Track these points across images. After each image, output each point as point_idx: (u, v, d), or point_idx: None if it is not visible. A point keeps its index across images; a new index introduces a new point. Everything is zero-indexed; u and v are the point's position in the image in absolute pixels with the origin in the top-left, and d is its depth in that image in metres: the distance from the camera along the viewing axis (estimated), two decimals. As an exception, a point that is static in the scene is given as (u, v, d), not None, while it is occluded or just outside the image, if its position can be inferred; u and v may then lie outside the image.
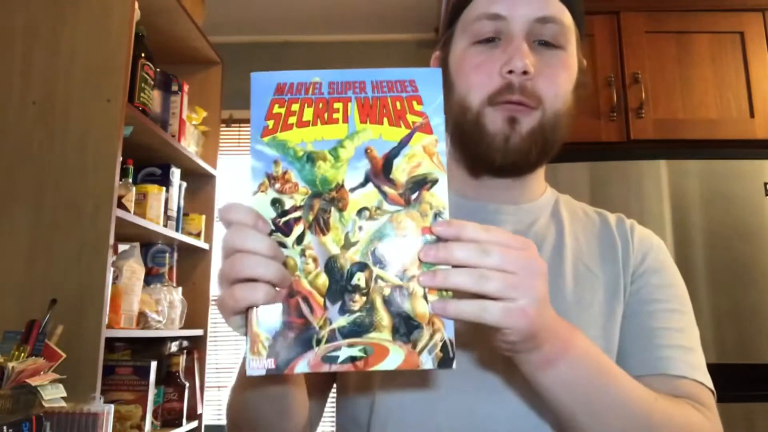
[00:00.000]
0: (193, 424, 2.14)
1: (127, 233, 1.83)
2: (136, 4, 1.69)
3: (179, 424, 2.03)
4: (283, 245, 0.51)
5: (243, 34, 2.98)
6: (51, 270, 1.52)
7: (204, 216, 2.30)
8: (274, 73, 0.53)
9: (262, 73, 0.53)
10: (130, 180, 1.81)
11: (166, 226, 1.98)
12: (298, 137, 0.52)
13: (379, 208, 0.51)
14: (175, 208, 2.07)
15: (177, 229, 2.09)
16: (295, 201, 0.51)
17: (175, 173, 2.10)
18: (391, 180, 0.51)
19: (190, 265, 2.30)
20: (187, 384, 2.08)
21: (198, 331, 2.21)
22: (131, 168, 1.84)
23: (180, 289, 2.10)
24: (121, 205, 1.65)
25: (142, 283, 1.82)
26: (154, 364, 1.84)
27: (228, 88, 2.48)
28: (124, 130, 1.62)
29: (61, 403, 1.22)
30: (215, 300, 0.55)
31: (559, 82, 0.73)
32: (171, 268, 2.16)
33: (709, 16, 2.02)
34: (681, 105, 1.97)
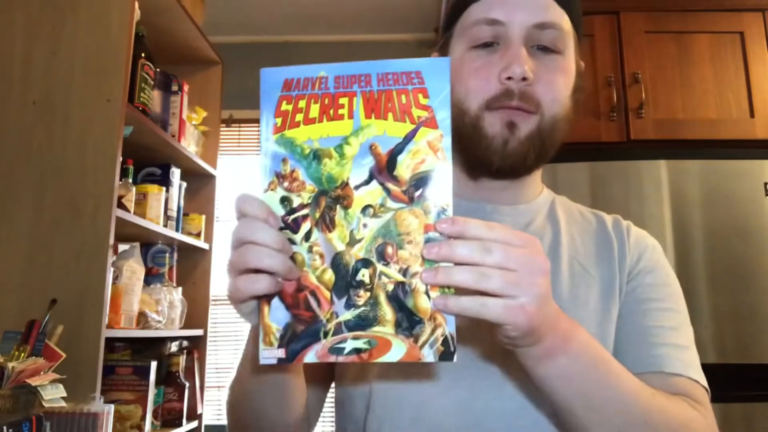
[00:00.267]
0: (193, 424, 2.13)
1: (127, 233, 1.83)
2: (136, 4, 1.69)
3: (179, 424, 2.03)
4: (292, 242, 0.52)
5: (243, 34, 2.98)
6: (51, 270, 1.52)
7: (204, 216, 2.30)
8: (282, 69, 0.54)
9: (271, 69, 0.54)
10: (130, 180, 1.81)
11: (166, 226, 1.98)
12: (305, 135, 0.53)
13: (383, 205, 0.52)
14: (175, 208, 2.07)
15: (177, 229, 2.09)
16: (302, 199, 0.53)
17: (175, 173, 2.10)
18: (395, 177, 0.52)
19: (190, 265, 2.30)
20: (187, 384, 2.08)
21: (198, 331, 2.21)
22: (131, 168, 1.84)
23: (180, 289, 2.10)
24: (121, 205, 1.65)
25: (142, 283, 1.82)
26: (154, 364, 1.84)
27: (228, 88, 2.48)
28: (124, 130, 1.62)
29: (61, 403, 1.22)
30: (224, 291, 0.57)
31: (557, 87, 0.73)
32: (171, 268, 2.16)
33: (709, 16, 2.02)
34: (681, 105, 1.96)
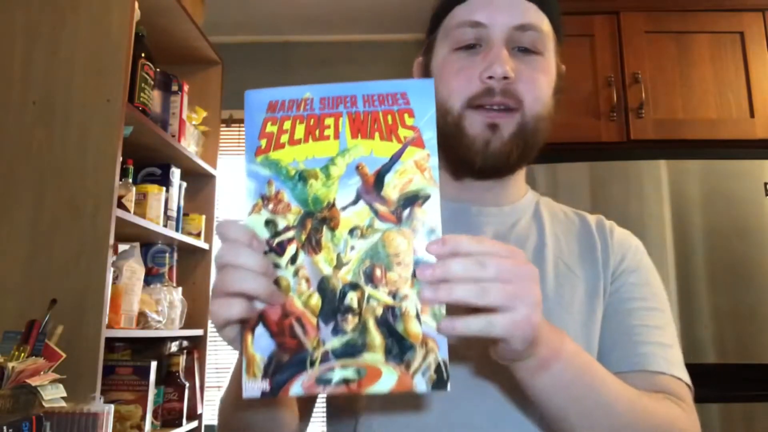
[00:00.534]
0: (193, 424, 2.13)
1: (127, 233, 1.83)
2: (136, 5, 1.69)
3: (179, 424, 2.03)
4: (277, 266, 0.50)
5: (243, 34, 2.98)
6: (51, 270, 1.52)
7: (204, 216, 2.30)
8: (266, 90, 0.53)
9: (255, 90, 0.53)
10: (130, 180, 1.81)
11: (166, 226, 1.98)
12: (290, 156, 0.52)
13: (370, 226, 0.50)
14: (175, 208, 2.07)
15: (177, 229, 2.09)
16: (288, 221, 0.51)
17: (175, 173, 2.10)
18: (382, 197, 0.50)
19: (190, 265, 2.30)
20: (187, 384, 2.08)
21: (198, 331, 2.21)
22: (131, 168, 1.84)
23: (180, 289, 2.10)
24: (121, 205, 1.65)
25: (142, 283, 1.82)
26: (154, 364, 1.84)
27: (228, 88, 2.48)
28: (124, 130, 1.62)
29: (61, 403, 1.22)
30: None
31: (539, 85, 0.75)
32: (171, 268, 2.16)
33: (709, 16, 2.02)
34: (681, 105, 1.96)
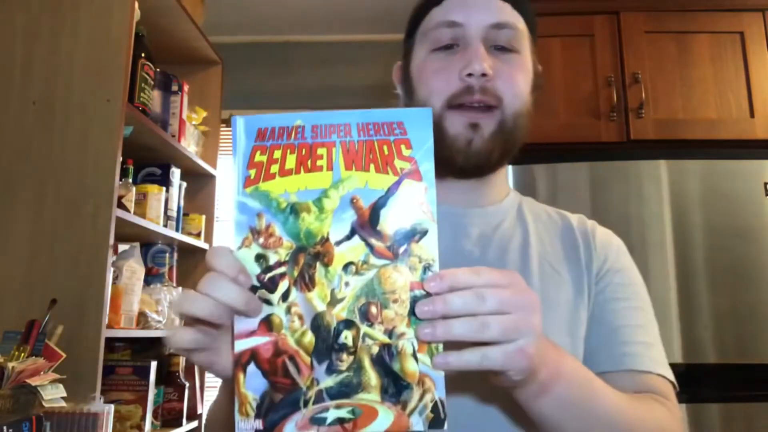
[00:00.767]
0: (193, 424, 2.13)
1: (127, 233, 1.83)
2: (136, 5, 1.69)
3: (179, 424, 2.03)
4: (268, 302, 0.49)
5: (243, 34, 2.97)
6: (51, 270, 1.52)
7: (204, 216, 2.30)
8: (255, 117, 0.51)
9: (243, 117, 0.51)
10: (130, 180, 1.81)
11: (166, 226, 1.98)
12: (281, 187, 0.50)
13: (365, 262, 0.48)
14: (175, 208, 2.07)
15: (177, 229, 2.09)
16: (279, 256, 0.49)
17: (175, 173, 2.10)
18: (378, 232, 0.49)
19: (190, 265, 2.30)
20: (187, 384, 2.08)
21: (198, 331, 2.21)
22: (131, 168, 1.84)
23: (180, 289, 2.10)
24: (121, 205, 1.65)
25: (142, 283, 1.82)
26: (154, 364, 1.83)
27: (228, 88, 2.48)
28: (124, 130, 1.62)
29: (61, 403, 1.22)
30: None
31: (516, 82, 0.76)
32: (171, 268, 2.16)
33: (709, 16, 2.02)
34: (681, 105, 1.96)
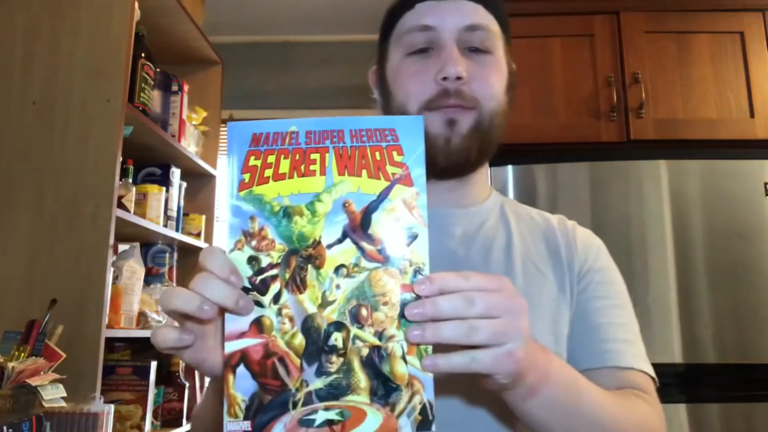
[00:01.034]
0: (193, 424, 2.13)
1: (127, 233, 1.83)
2: (136, 5, 1.69)
3: (179, 424, 2.03)
4: (259, 304, 0.49)
5: (243, 34, 2.98)
6: (51, 270, 1.52)
7: (204, 216, 2.30)
8: (250, 123, 0.52)
9: (238, 123, 0.52)
10: (130, 180, 1.81)
11: (166, 226, 1.98)
12: (274, 191, 0.50)
13: (356, 265, 0.49)
14: (175, 208, 2.07)
15: (177, 229, 2.09)
16: (271, 258, 0.50)
17: (175, 173, 2.10)
18: (369, 235, 0.50)
19: (190, 265, 2.29)
20: (187, 384, 2.08)
21: (198, 331, 2.21)
22: (131, 168, 1.84)
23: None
24: (121, 205, 1.65)
25: (142, 283, 1.82)
26: (154, 364, 1.83)
27: (228, 88, 2.48)
28: (124, 130, 1.62)
29: (61, 403, 1.22)
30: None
31: (491, 83, 0.77)
32: (171, 268, 2.16)
33: (709, 16, 2.02)
34: (681, 105, 1.96)
